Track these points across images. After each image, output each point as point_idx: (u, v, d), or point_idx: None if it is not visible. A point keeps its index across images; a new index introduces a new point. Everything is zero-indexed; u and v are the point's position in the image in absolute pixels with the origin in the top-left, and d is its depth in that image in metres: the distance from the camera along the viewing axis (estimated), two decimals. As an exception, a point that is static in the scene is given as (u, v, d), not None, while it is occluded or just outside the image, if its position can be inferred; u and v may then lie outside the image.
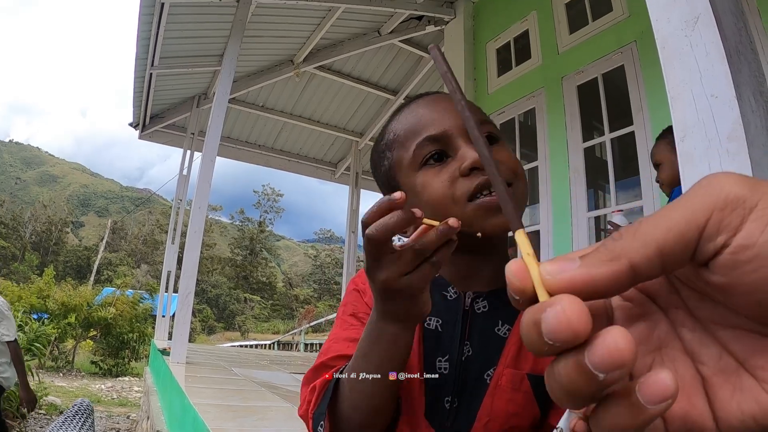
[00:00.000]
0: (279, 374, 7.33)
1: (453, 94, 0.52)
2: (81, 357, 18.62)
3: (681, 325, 0.36)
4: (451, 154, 0.91)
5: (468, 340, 0.95)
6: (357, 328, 0.96)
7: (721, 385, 0.34)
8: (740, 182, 0.31)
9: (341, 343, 0.95)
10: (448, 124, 0.92)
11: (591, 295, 0.32)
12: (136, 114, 10.23)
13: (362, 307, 1.00)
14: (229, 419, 3.49)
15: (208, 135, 6.45)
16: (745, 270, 0.30)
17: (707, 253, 0.31)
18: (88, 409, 5.61)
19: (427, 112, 0.96)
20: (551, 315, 0.30)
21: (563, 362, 0.31)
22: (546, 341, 0.30)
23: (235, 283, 67.31)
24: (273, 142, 11.92)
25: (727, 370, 0.34)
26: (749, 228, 0.30)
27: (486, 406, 0.90)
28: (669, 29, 1.23)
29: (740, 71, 1.12)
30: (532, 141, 5.94)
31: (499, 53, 6.71)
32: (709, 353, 0.35)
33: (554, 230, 5.52)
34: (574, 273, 0.32)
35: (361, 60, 9.57)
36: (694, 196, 0.31)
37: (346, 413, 0.84)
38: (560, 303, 0.30)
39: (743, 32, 1.17)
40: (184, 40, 8.13)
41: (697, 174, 1.26)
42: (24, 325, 10.62)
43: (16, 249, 68.41)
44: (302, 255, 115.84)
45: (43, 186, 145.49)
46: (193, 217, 6.27)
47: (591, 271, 0.32)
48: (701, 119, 1.23)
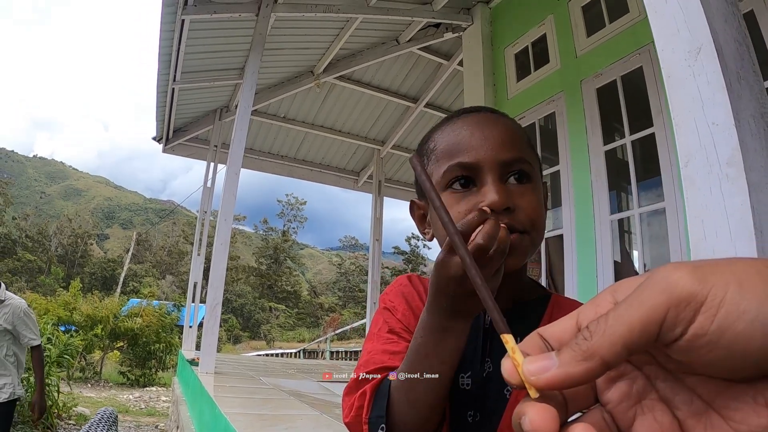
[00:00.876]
0: (306, 383, 7.38)
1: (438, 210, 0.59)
2: (108, 368, 18.81)
3: (655, 378, 0.41)
4: (477, 184, 0.93)
5: (489, 357, 0.99)
6: (395, 342, 1.00)
7: (694, 425, 0.39)
8: (692, 277, 0.36)
9: (382, 355, 0.98)
10: (482, 155, 0.92)
11: (570, 387, 0.38)
12: (159, 128, 10.36)
13: (396, 324, 1.03)
14: (259, 428, 3.53)
15: (232, 147, 6.53)
16: (700, 353, 0.36)
17: (667, 340, 0.36)
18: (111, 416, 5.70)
19: (467, 136, 0.96)
20: (524, 423, 0.38)
21: None
22: None
23: (260, 292, 67.43)
24: (296, 152, 12.01)
25: (698, 412, 0.39)
26: (700, 320, 0.35)
27: (507, 420, 0.93)
28: (673, 59, 1.28)
29: (741, 97, 1.16)
30: (553, 145, 5.94)
31: (517, 58, 6.72)
32: (681, 399, 0.40)
33: (577, 234, 5.51)
34: (554, 373, 0.38)
35: (380, 69, 9.63)
36: (652, 291, 0.36)
37: (403, 413, 0.87)
38: (529, 414, 0.38)
39: (746, 57, 1.20)
40: (205, 54, 8.24)
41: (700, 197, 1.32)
42: (52, 337, 10.74)
43: (42, 262, 69.20)
44: (326, 263, 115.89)
45: (68, 200, 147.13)
46: (219, 229, 6.34)
47: (568, 371, 0.37)
48: (703, 146, 1.28)
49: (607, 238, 5.24)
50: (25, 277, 60.19)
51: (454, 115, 1.04)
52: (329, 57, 8.88)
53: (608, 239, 5.23)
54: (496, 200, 0.87)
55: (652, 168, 4.84)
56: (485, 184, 0.91)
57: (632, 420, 0.42)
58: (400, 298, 1.07)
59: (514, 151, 0.94)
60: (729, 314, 0.34)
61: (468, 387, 0.97)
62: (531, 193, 0.94)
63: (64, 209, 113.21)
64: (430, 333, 0.84)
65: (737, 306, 0.34)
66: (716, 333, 0.35)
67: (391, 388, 0.89)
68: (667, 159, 4.56)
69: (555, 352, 0.39)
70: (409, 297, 1.07)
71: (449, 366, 0.85)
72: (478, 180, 0.93)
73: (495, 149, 0.93)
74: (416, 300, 1.06)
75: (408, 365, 0.87)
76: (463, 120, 1.00)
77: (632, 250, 5.68)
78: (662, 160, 4.63)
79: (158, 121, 10.14)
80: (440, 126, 1.03)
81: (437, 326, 0.83)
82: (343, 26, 8.23)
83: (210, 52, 8.23)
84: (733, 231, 1.24)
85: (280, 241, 77.57)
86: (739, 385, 0.37)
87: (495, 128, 0.96)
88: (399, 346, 0.99)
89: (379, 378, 0.92)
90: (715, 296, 0.35)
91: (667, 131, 4.62)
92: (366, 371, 0.95)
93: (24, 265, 64.39)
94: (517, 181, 0.94)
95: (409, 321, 1.03)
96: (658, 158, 4.69)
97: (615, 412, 0.42)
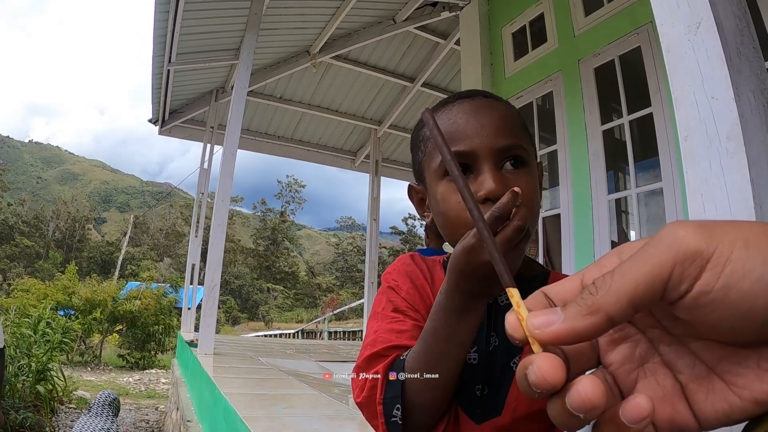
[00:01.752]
0: (305, 362, 7.41)
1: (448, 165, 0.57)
2: (108, 351, 18.90)
3: (658, 342, 0.42)
4: (474, 172, 0.94)
5: (494, 331, 1.00)
6: (402, 321, 1.00)
7: (697, 389, 0.39)
8: (698, 234, 0.36)
9: (389, 334, 0.98)
10: (478, 144, 0.94)
11: (574, 342, 0.38)
12: (155, 110, 10.32)
13: (401, 303, 1.03)
14: (258, 407, 3.55)
15: (228, 129, 6.51)
16: (705, 311, 0.36)
17: (672, 298, 0.37)
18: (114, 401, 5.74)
19: (463, 123, 0.97)
20: (531, 372, 0.37)
21: (553, 404, 0.38)
22: (533, 390, 0.37)
23: (258, 273, 67.49)
24: (292, 132, 11.97)
25: (701, 376, 0.40)
26: (706, 277, 0.35)
27: (514, 391, 0.94)
28: (673, 34, 1.27)
29: (740, 72, 1.16)
30: (551, 125, 5.92)
31: (515, 37, 6.68)
32: (684, 363, 0.41)
33: (575, 214, 5.51)
34: (559, 327, 0.37)
35: (377, 48, 9.57)
36: (658, 248, 0.36)
37: (419, 394, 0.88)
38: (536, 362, 0.37)
39: (745, 32, 1.20)
40: (201, 35, 8.17)
41: (700, 172, 1.32)
42: (52, 322, 10.76)
43: (40, 247, 69.04)
44: (324, 243, 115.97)
45: (64, 184, 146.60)
46: (216, 210, 6.34)
47: (573, 324, 0.37)
48: (702, 120, 1.28)
49: (605, 218, 5.24)
50: (24, 263, 60.07)
51: (450, 100, 1.05)
52: (325, 36, 8.82)
53: (606, 219, 5.23)
54: (493, 188, 0.90)
55: (649, 148, 4.83)
56: (482, 172, 0.93)
57: (634, 382, 0.42)
58: (404, 276, 1.07)
59: (509, 138, 0.96)
60: (734, 272, 0.35)
61: (475, 361, 0.98)
62: (526, 178, 0.96)
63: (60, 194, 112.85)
64: (449, 315, 0.86)
65: (743, 264, 0.35)
66: (721, 291, 0.35)
67: (405, 369, 0.90)
68: (665, 139, 4.55)
69: (560, 308, 0.39)
70: (413, 276, 1.07)
71: (466, 347, 0.88)
72: (475, 168, 0.94)
73: (490, 137, 0.95)
74: (420, 278, 1.06)
75: (423, 346, 0.88)
76: (458, 107, 1.01)
77: (629, 230, 5.69)
78: (660, 140, 4.62)
79: (154, 104, 10.11)
80: (440, 108, 1.04)
81: (456, 308, 0.85)
82: (339, 5, 8.16)
83: (205, 32, 8.16)
84: (732, 205, 1.24)
85: (278, 221, 77.54)
86: (743, 350, 0.38)
87: (490, 115, 0.98)
88: (405, 324, 0.99)
89: (391, 358, 0.93)
90: (721, 254, 0.35)
91: (665, 111, 4.61)
92: (376, 349, 0.95)
93: (22, 251, 64.29)
94: (513, 166, 0.96)
95: (414, 299, 1.03)
96: (655, 138, 4.67)
97: (617, 374, 0.43)
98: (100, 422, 5.35)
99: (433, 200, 1.00)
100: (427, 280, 1.06)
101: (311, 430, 2.94)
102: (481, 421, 0.95)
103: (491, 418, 0.94)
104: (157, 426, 9.08)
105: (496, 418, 0.94)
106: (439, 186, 0.98)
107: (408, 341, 0.94)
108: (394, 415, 0.89)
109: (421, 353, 0.88)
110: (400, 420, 0.88)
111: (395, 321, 1.01)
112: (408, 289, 1.04)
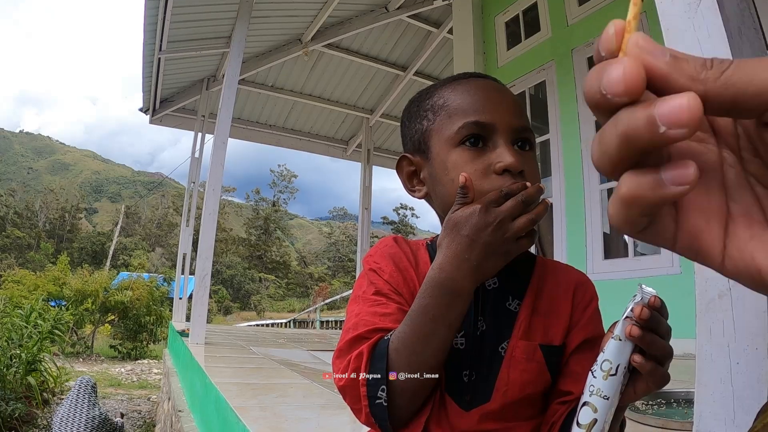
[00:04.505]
0: (297, 352, 7.41)
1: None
2: (99, 341, 18.86)
3: (728, 165, 0.38)
4: (489, 145, 0.94)
5: (482, 316, 0.99)
6: (384, 304, 0.98)
7: (744, 225, 0.36)
8: None
9: (372, 317, 0.95)
10: (498, 119, 0.95)
11: (655, 88, 0.34)
12: (145, 99, 10.25)
13: (384, 286, 1.01)
14: (249, 397, 3.54)
15: (219, 117, 6.47)
16: None
17: None
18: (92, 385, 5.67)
19: (483, 98, 0.98)
20: (612, 69, 0.33)
21: (630, 111, 0.33)
22: (600, 92, 0.33)
23: (250, 263, 67.46)
24: (284, 121, 11.91)
25: (753, 218, 0.36)
26: None
27: (503, 377, 0.93)
28: (673, 11, 1.25)
29: (742, 52, 1.14)
30: (543, 114, 5.92)
31: (507, 26, 6.66)
32: (742, 197, 0.37)
33: (567, 203, 5.51)
34: (658, 62, 0.34)
35: (369, 37, 9.53)
36: None
37: (404, 376, 0.87)
38: (623, 61, 0.33)
39: (746, 12, 1.18)
40: (191, 23, 8.11)
41: None
42: (43, 312, 10.70)
43: (31, 238, 68.70)
44: (316, 233, 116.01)
45: (55, 174, 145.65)
46: (207, 199, 6.31)
47: (671, 73, 0.34)
48: None
49: (597, 208, 5.25)
50: (15, 254, 59.74)
51: (460, 77, 1.05)
52: (317, 24, 8.78)
53: (598, 209, 5.24)
54: (512, 162, 0.91)
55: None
56: (499, 145, 0.94)
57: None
58: (387, 259, 1.04)
59: (523, 120, 0.98)
60: None
61: (462, 346, 0.97)
62: (534, 161, 0.98)
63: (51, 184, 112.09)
64: (441, 295, 0.85)
65: None
66: None
67: (390, 349, 0.88)
68: (658, 127, 4.55)
69: (670, 54, 0.35)
70: (396, 258, 1.04)
71: (454, 329, 0.88)
72: (491, 141, 0.95)
73: (510, 114, 0.97)
74: (404, 261, 1.04)
75: (410, 326, 0.87)
76: (475, 83, 1.02)
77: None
78: (653, 128, 4.61)
79: (145, 92, 10.03)
80: (447, 84, 1.04)
81: (450, 287, 0.85)
82: (331, -7, 8.11)
83: (196, 20, 8.09)
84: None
85: (271, 211, 77.49)
86: None
87: (505, 96, 1.01)
88: (389, 307, 0.97)
89: (375, 339, 0.91)
90: None
91: (658, 99, 4.59)
92: (359, 332, 0.93)
93: (13, 242, 63.99)
94: (521, 148, 0.97)
95: (397, 282, 1.01)
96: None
97: None
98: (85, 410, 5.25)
99: (441, 169, 0.98)
100: (411, 263, 1.04)
101: (303, 419, 2.93)
102: (469, 408, 0.93)
103: (480, 404, 0.93)
104: (149, 416, 9.08)
105: (485, 404, 0.93)
106: (451, 154, 0.96)
107: (392, 324, 0.92)
108: (379, 396, 0.87)
109: (407, 333, 0.87)
110: (385, 402, 0.86)
111: (378, 304, 0.98)
112: (391, 271, 1.02)
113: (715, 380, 1.19)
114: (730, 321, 1.16)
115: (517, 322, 0.97)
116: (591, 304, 1.02)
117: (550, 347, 0.96)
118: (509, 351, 0.95)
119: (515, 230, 0.82)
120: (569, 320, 0.99)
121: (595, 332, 0.98)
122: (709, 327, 1.21)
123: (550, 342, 0.96)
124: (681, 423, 2.44)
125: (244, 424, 2.55)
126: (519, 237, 0.83)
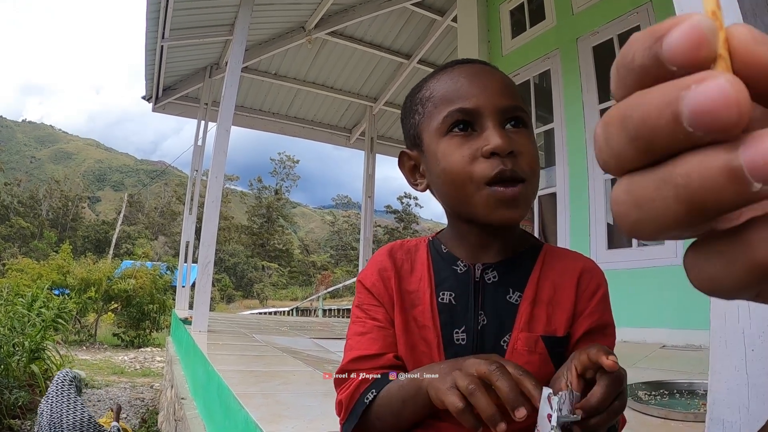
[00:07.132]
0: (299, 339, 7.41)
1: None
2: (103, 330, 18.89)
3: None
4: (477, 129, 0.94)
5: (482, 310, 0.99)
6: (362, 321, 1.05)
7: None
8: None
9: (353, 339, 1.04)
10: (483, 102, 0.94)
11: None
12: (148, 87, 10.24)
13: (365, 298, 1.07)
14: (252, 384, 3.54)
15: (222, 105, 6.44)
16: None
17: None
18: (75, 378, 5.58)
19: (467, 83, 0.97)
20: (711, 88, 0.23)
21: (699, 159, 0.23)
22: (684, 126, 0.23)
23: (252, 251, 67.52)
24: (287, 109, 11.89)
25: None
26: None
27: None
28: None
29: (756, 34, 1.14)
30: (548, 103, 5.89)
31: (512, 15, 6.63)
32: None
33: (571, 192, 5.50)
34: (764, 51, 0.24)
35: (373, 24, 9.49)
36: None
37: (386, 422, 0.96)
38: (724, 76, 0.23)
39: (760, 0, 1.17)
40: (194, 10, 8.08)
41: None
42: (47, 301, 10.70)
43: (34, 228, 68.78)
44: (319, 221, 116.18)
45: (58, 163, 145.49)
46: (210, 186, 6.29)
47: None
48: None
49: (601, 197, 5.24)
50: (18, 243, 59.91)
51: (447, 66, 1.05)
52: (321, 12, 8.74)
53: (602, 198, 5.23)
54: (500, 144, 0.90)
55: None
56: (486, 128, 0.93)
57: None
58: (373, 268, 1.08)
59: (511, 99, 0.97)
60: None
61: (463, 342, 0.97)
62: (528, 138, 0.97)
63: (54, 173, 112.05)
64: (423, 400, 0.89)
65: None
66: None
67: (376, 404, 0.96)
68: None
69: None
70: (381, 267, 1.07)
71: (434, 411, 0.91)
72: (478, 125, 0.95)
73: (495, 96, 0.95)
74: (387, 270, 1.07)
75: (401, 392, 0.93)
76: (459, 69, 1.01)
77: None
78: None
79: (147, 80, 10.02)
80: (434, 75, 1.05)
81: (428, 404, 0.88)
82: (334, -20, 8.07)
83: (199, 7, 8.06)
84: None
85: (273, 199, 77.48)
86: None
87: (492, 77, 0.99)
88: (365, 326, 1.03)
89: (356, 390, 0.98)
90: None
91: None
92: (345, 363, 1.02)
93: (17, 231, 64.08)
94: (514, 127, 0.96)
95: (378, 290, 1.05)
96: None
97: None
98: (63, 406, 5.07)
99: (433, 160, 0.99)
100: (396, 270, 1.06)
101: (305, 407, 2.93)
102: None
103: None
104: (152, 404, 9.10)
105: None
106: (440, 144, 0.97)
107: (368, 345, 1.00)
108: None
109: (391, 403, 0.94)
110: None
111: (357, 321, 1.06)
112: (374, 281, 1.06)
113: (729, 368, 1.18)
114: (744, 306, 1.15)
115: (518, 314, 0.97)
116: (597, 292, 1.00)
117: (552, 338, 0.96)
118: (511, 344, 0.95)
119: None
120: (573, 309, 0.97)
121: (601, 321, 0.98)
122: (724, 312, 1.20)
123: (553, 332, 0.96)
124: (683, 413, 2.44)
125: (246, 411, 2.55)
126: None
